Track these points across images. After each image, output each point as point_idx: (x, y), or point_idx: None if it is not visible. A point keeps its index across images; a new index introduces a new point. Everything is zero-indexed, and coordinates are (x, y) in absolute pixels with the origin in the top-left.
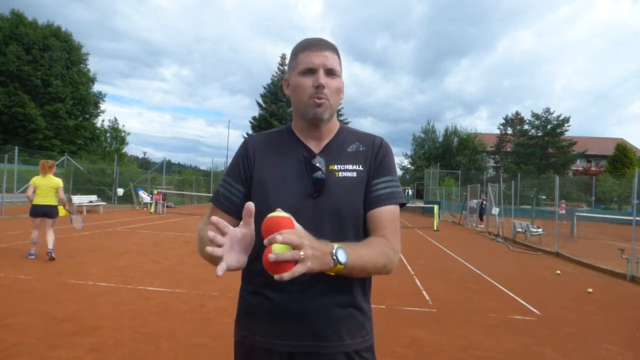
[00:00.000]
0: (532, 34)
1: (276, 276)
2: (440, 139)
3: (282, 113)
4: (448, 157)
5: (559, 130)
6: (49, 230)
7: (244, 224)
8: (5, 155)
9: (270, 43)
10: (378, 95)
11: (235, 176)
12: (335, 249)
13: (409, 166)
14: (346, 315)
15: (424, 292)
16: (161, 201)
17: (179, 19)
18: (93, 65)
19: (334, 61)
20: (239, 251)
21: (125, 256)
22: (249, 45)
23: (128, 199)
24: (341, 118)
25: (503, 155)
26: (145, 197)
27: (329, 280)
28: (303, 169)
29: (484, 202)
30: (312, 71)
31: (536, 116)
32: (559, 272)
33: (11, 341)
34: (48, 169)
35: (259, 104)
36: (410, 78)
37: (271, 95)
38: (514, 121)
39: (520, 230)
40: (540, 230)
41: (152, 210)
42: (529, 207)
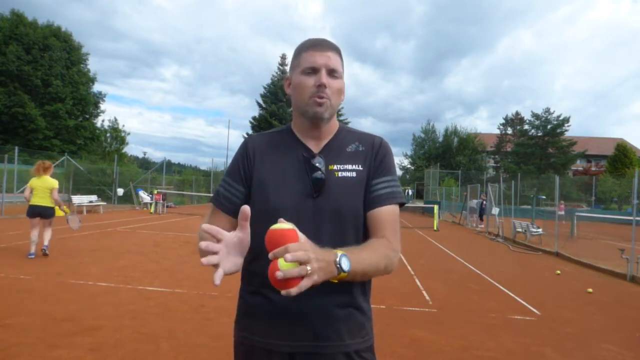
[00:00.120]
0: (532, 34)
1: (283, 292)
2: (440, 139)
3: (282, 113)
4: (448, 157)
5: (559, 130)
6: (47, 229)
7: (240, 228)
8: (5, 155)
9: (270, 43)
10: (378, 95)
11: (235, 176)
12: (339, 257)
13: (409, 166)
14: (346, 315)
15: (424, 292)
16: (161, 201)
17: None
18: (93, 65)
19: (336, 62)
20: (235, 255)
21: (125, 256)
22: (249, 45)
23: (128, 199)
24: (341, 118)
25: (503, 155)
26: (145, 197)
27: (329, 281)
28: (303, 169)
29: (484, 202)
30: (314, 70)
31: (536, 116)
32: (559, 272)
33: (11, 341)
34: (43, 170)
35: (259, 104)
36: (410, 78)
37: (271, 95)
38: (514, 121)
39: (520, 230)
40: (540, 230)
41: (152, 210)
42: (529, 207)
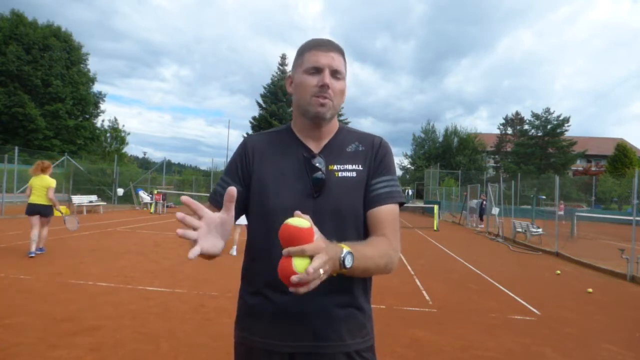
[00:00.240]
0: (532, 34)
1: (291, 289)
2: (440, 139)
3: (282, 113)
4: (448, 157)
5: (559, 130)
6: (44, 227)
7: (224, 209)
8: (5, 155)
9: (270, 43)
10: (378, 95)
11: (233, 175)
12: (344, 254)
13: (409, 166)
14: (346, 315)
15: (424, 292)
16: (161, 201)
17: (179, 19)
18: (93, 65)
19: (340, 63)
20: (215, 236)
21: (125, 256)
22: (249, 45)
23: (128, 199)
24: (341, 118)
25: (503, 155)
26: (145, 197)
27: (329, 280)
28: (303, 168)
29: (484, 202)
30: (318, 70)
31: (536, 116)
32: (559, 272)
33: (11, 341)
34: (41, 170)
35: (258, 104)
36: (410, 78)
37: (271, 95)
38: (514, 121)
39: (520, 230)
40: (540, 230)
41: (152, 210)
42: (529, 207)
